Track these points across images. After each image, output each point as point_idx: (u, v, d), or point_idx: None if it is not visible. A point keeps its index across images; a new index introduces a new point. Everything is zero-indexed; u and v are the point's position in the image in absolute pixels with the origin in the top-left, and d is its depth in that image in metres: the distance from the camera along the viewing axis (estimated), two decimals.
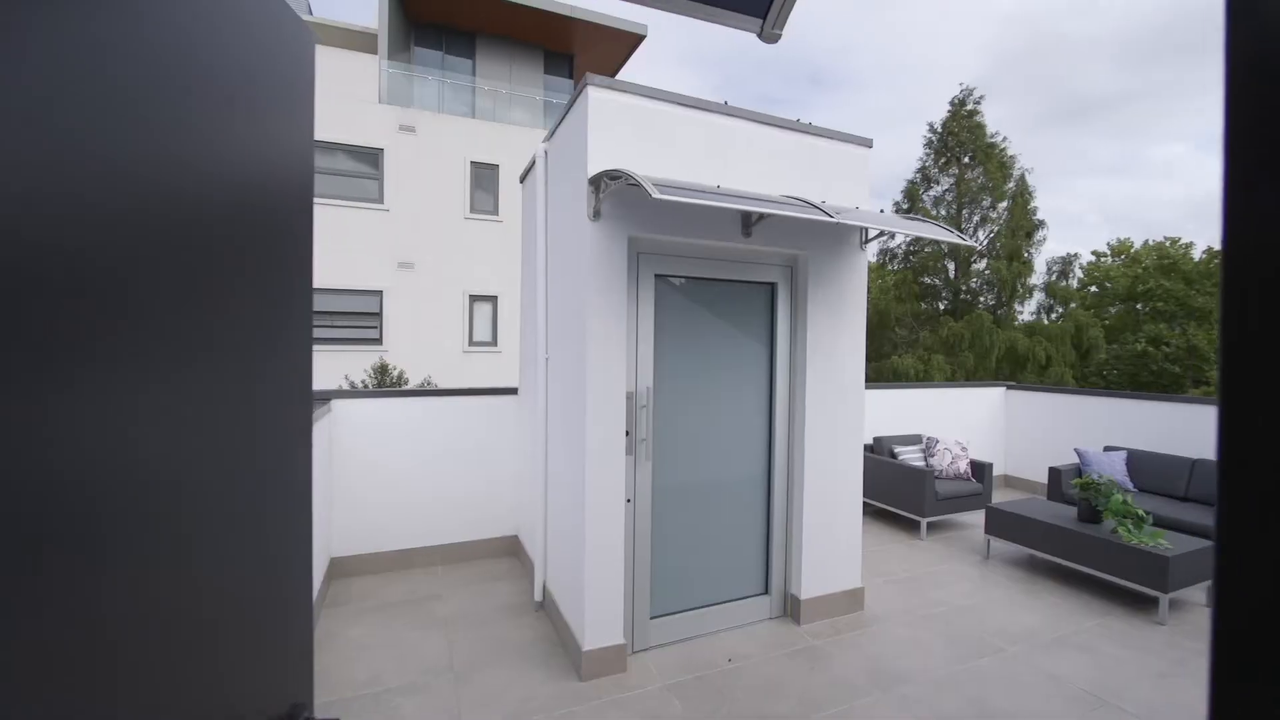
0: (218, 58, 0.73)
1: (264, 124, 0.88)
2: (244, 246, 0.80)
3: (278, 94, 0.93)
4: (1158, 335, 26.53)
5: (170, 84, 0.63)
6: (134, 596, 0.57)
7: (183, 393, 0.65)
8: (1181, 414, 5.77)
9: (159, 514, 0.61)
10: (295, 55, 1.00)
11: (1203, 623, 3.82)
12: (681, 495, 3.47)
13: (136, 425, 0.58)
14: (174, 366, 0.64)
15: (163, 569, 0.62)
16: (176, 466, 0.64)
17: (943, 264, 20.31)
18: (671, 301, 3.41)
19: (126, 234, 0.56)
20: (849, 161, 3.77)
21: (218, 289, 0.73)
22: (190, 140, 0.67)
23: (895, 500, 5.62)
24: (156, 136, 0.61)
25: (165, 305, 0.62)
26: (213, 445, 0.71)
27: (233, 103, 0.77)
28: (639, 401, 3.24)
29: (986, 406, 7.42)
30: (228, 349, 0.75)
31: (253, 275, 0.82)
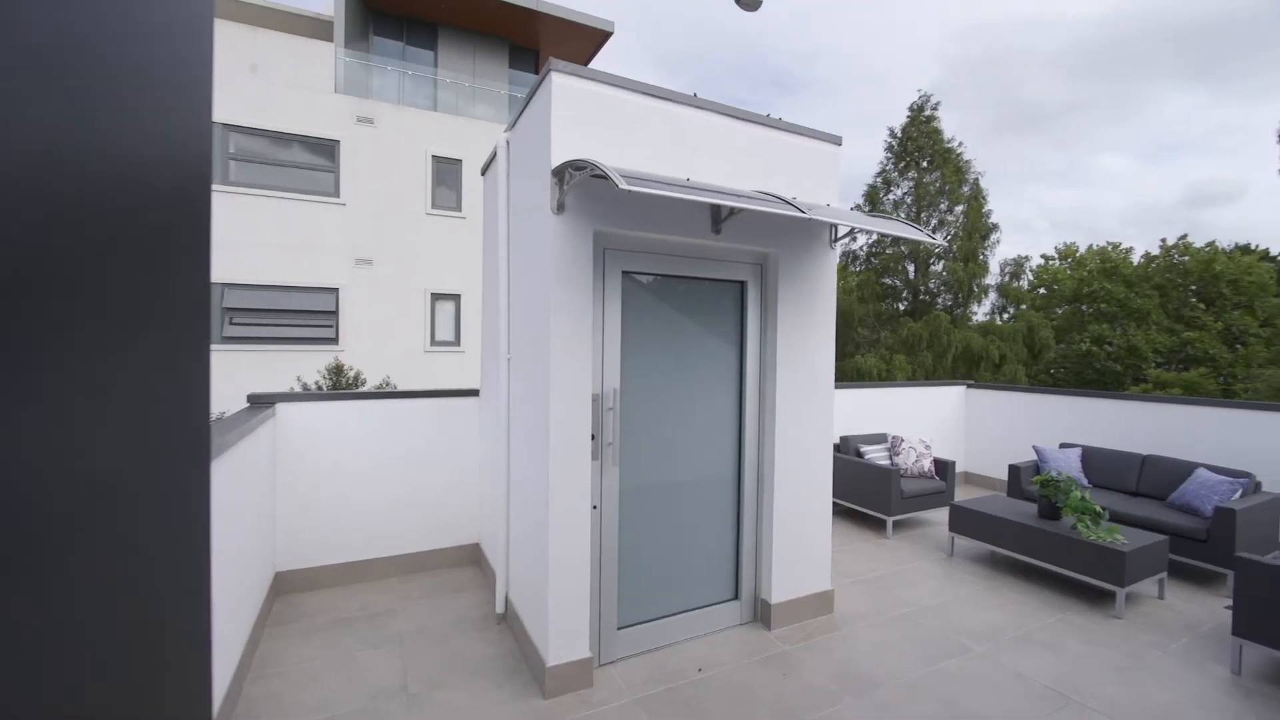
0: (94, 24, 0.57)
1: (152, 100, 0.71)
2: (119, 237, 0.64)
3: (170, 68, 0.76)
4: (1101, 335, 27.84)
5: (35, 53, 0.47)
6: None
7: (34, 401, 0.49)
8: (1130, 411, 5.98)
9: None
10: (190, 25, 0.83)
11: (1156, 615, 3.93)
12: (650, 500, 3.35)
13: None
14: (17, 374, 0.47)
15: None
16: (34, 483, 0.48)
17: (903, 265, 20.81)
18: (639, 299, 3.29)
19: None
20: (818, 159, 3.72)
21: (87, 284, 0.57)
22: (60, 117, 0.51)
23: (862, 499, 5.64)
24: (18, 110, 0.45)
25: (17, 304, 0.46)
26: (73, 462, 0.55)
27: (113, 76, 0.61)
28: (605, 403, 3.10)
29: (948, 405, 7.56)
30: (93, 352, 0.58)
31: (133, 270, 0.66)
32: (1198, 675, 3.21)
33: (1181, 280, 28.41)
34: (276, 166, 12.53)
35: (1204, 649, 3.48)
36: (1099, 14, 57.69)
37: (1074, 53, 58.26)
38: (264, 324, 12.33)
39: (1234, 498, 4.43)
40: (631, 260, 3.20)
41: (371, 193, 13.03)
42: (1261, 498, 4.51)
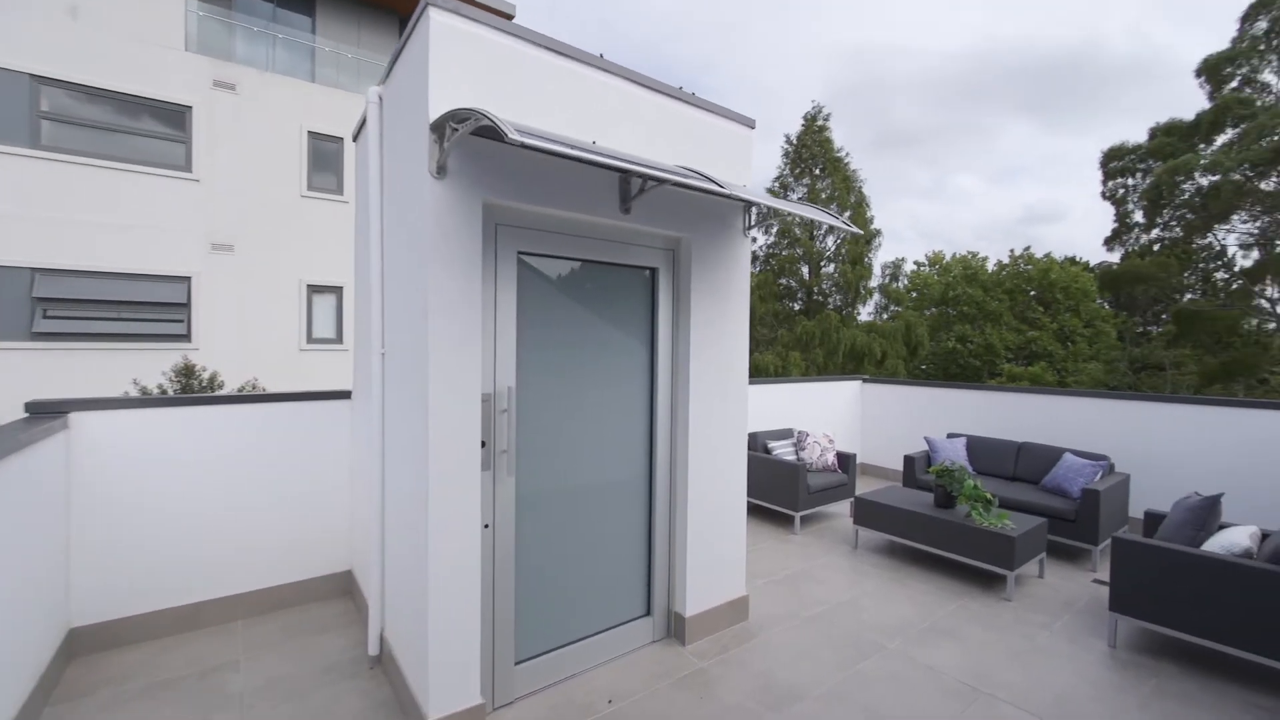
0: None
1: None
2: None
3: None
4: (964, 334, 31.06)
5: None
6: None
7: None
8: (1007, 402, 6.45)
9: None
10: None
11: (1039, 594, 4.15)
12: (553, 512, 2.96)
13: None
14: None
15: None
16: None
17: (798, 267, 21.86)
18: (538, 285, 2.88)
19: None
20: (732, 141, 3.51)
21: None
22: None
23: (770, 496, 5.60)
24: None
25: None
26: None
27: None
28: (498, 405, 2.67)
29: (845, 399, 7.82)
30: None
31: None
32: (1082, 652, 3.36)
33: (1025, 286, 32.37)
34: (109, 132, 10.58)
35: (1083, 624, 3.69)
36: (957, 49, 64.78)
37: (937, 82, 64.95)
38: (92, 317, 10.35)
39: (1096, 479, 4.83)
40: (529, 240, 2.78)
41: (233, 169, 11.39)
42: (1116, 478, 4.96)
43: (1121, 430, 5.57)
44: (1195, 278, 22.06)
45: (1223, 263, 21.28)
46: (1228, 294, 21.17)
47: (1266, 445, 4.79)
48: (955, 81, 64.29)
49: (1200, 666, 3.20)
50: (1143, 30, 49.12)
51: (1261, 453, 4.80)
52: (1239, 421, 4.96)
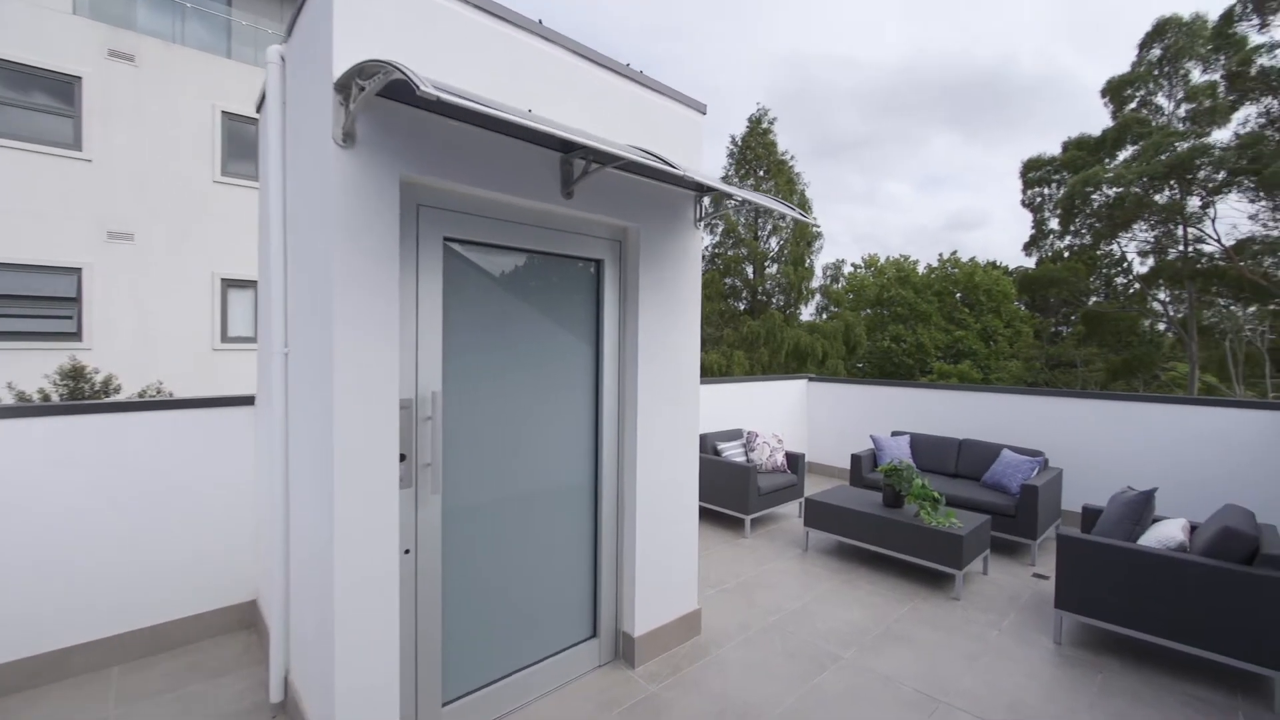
0: None
1: None
2: None
3: None
4: (898, 334, 32.45)
5: None
6: None
7: None
8: (947, 400, 6.59)
9: None
10: None
11: (985, 591, 4.17)
12: (487, 533, 2.64)
13: None
14: None
15: None
16: None
17: (743, 266, 22.13)
18: (469, 277, 2.56)
19: None
20: (683, 126, 3.30)
21: None
22: None
23: (720, 499, 5.45)
24: None
25: None
26: None
27: None
28: (421, 412, 2.34)
29: (792, 398, 7.82)
30: None
31: None
32: (1030, 651, 3.36)
33: (952, 288, 34.19)
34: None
35: (1029, 621, 3.71)
36: (890, 62, 67.77)
37: (871, 93, 67.76)
38: None
39: (1033, 475, 4.94)
40: (457, 224, 2.46)
41: (133, 150, 10.27)
42: (1051, 473, 5.11)
43: (1053, 426, 5.76)
44: (1099, 282, 23.88)
45: (1122, 269, 23.13)
46: (1126, 298, 23.04)
47: (1186, 439, 5.04)
48: (888, 93, 67.32)
49: (1140, 661, 3.25)
50: (1049, 53, 53.09)
51: (1181, 446, 5.05)
52: (1159, 417, 5.21)
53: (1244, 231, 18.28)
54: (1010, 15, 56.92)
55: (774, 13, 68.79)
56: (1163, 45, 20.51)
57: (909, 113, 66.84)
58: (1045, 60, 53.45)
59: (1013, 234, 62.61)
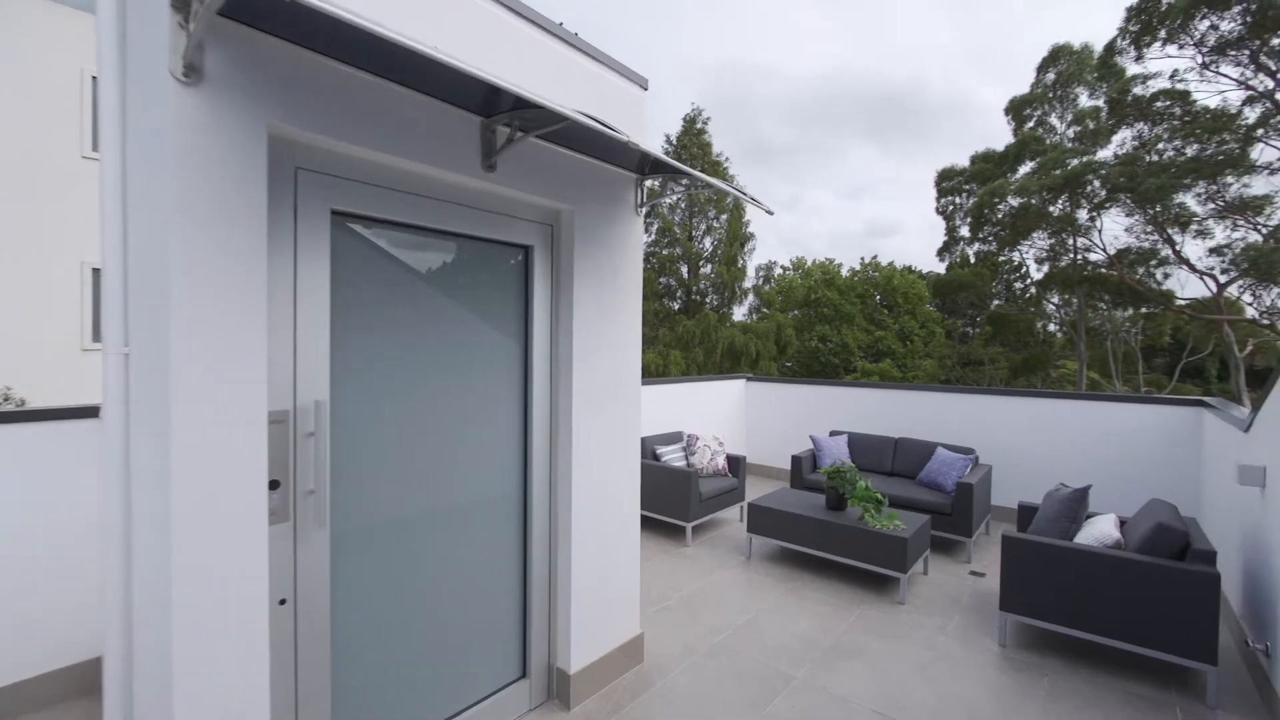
0: None
1: None
2: None
3: None
4: (825, 334, 33.71)
5: None
6: None
7: None
8: (882, 398, 6.65)
9: None
10: None
11: (927, 593, 4.13)
12: (392, 565, 2.20)
13: None
14: None
15: None
16: None
17: (677, 266, 22.15)
18: (370, 261, 2.12)
19: None
20: (624, 101, 2.97)
21: None
22: None
23: (660, 506, 5.18)
24: None
25: None
26: None
27: None
28: (301, 427, 1.88)
29: (731, 399, 7.69)
30: None
31: None
32: (977, 655, 3.30)
33: (873, 291, 35.94)
34: None
35: (973, 624, 3.67)
36: (813, 73, 70.63)
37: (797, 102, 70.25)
38: None
39: (967, 472, 5.00)
40: (350, 195, 2.01)
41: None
42: (982, 470, 5.20)
43: (981, 423, 5.92)
44: (1001, 286, 25.80)
45: (1020, 274, 25.09)
46: (1024, 301, 25.02)
47: (1103, 435, 5.28)
48: (810, 104, 70.01)
49: (1081, 660, 3.25)
50: (955, 75, 57.24)
51: (1100, 442, 5.28)
52: (1078, 414, 5.43)
53: (1122, 242, 20.26)
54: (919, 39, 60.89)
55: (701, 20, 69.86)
56: (1056, 70, 22.38)
57: (830, 124, 69.95)
58: (951, 81, 57.54)
59: (924, 241, 67.15)
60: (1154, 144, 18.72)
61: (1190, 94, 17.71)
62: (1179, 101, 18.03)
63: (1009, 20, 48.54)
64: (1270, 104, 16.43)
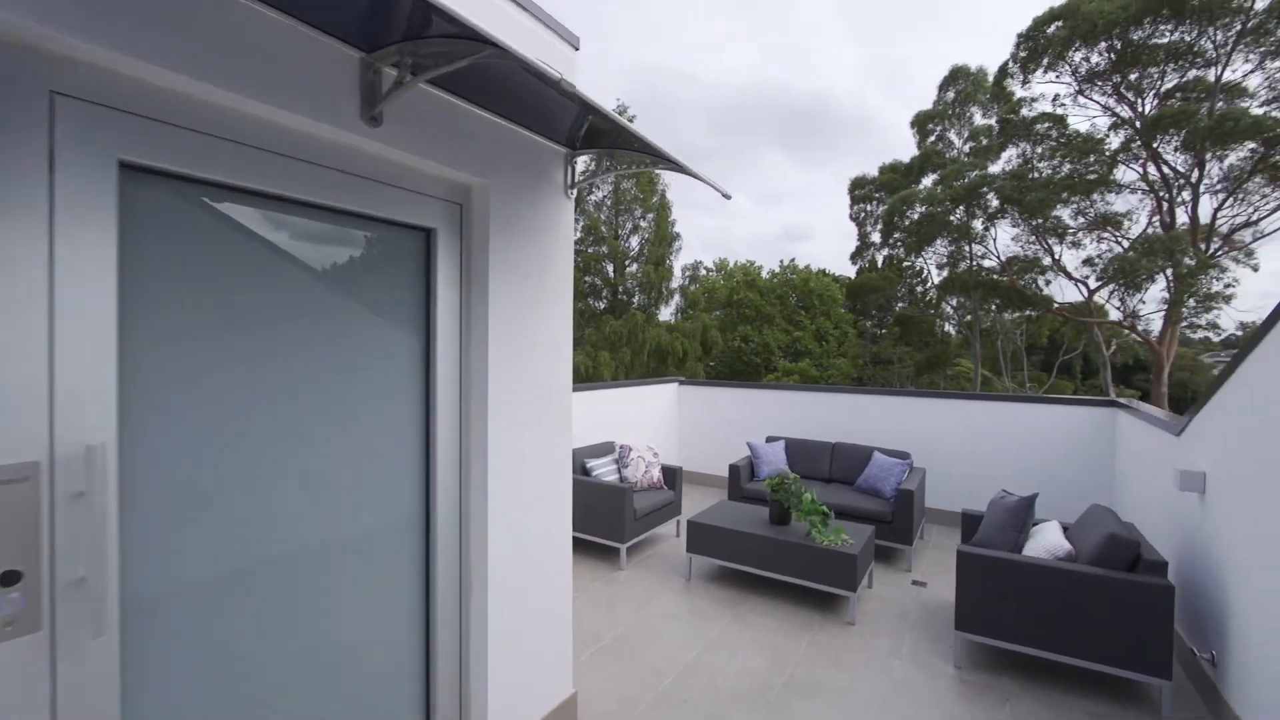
0: None
1: None
2: None
3: None
4: (747, 335, 34.51)
5: None
6: None
7: None
8: (818, 401, 6.54)
9: None
10: None
11: (875, 610, 3.93)
12: (230, 653, 1.59)
13: None
14: None
15: None
16: None
17: (603, 265, 21.70)
18: (197, 240, 1.50)
19: None
20: (553, 59, 2.47)
21: None
22: None
23: (591, 526, 4.70)
24: None
25: None
26: None
27: None
28: (61, 487, 1.24)
29: (664, 404, 7.34)
30: None
31: None
32: (935, 680, 3.10)
33: (791, 293, 37.26)
34: None
35: (924, 643, 3.49)
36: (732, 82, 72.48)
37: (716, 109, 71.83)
38: None
39: (905, 477, 4.92)
40: (151, 141, 1.39)
41: None
42: (918, 474, 5.14)
43: (913, 426, 5.92)
44: (905, 290, 27.48)
45: (922, 278, 26.83)
46: (925, 303, 26.77)
47: (1030, 435, 5.39)
48: (730, 111, 71.78)
49: (1037, 679, 3.13)
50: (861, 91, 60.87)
51: (1028, 442, 5.39)
52: (1006, 415, 5.53)
53: (1011, 251, 22.07)
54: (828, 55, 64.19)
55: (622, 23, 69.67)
56: (955, 89, 24.05)
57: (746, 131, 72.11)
58: (858, 97, 61.05)
59: (835, 246, 70.85)
60: (1035, 162, 20.52)
61: (1065, 118, 19.56)
62: (1056, 125, 19.87)
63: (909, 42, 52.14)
64: (1130, 131, 18.43)
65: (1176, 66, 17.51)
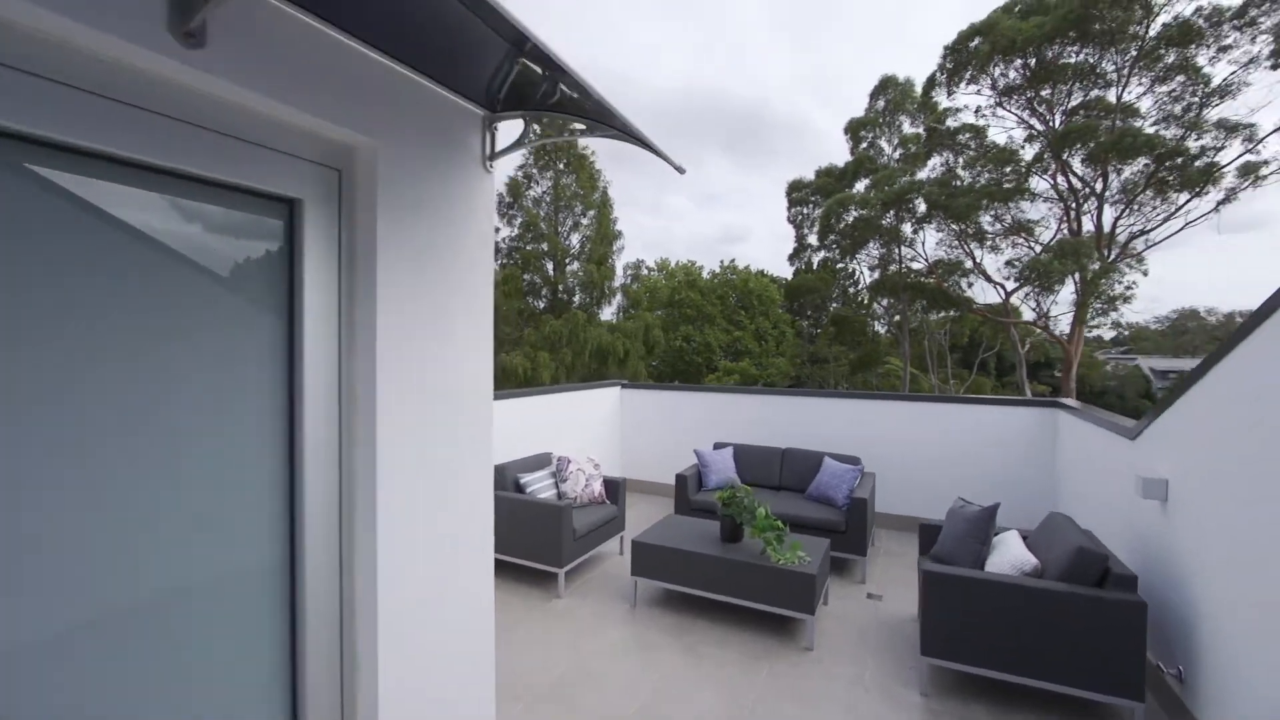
0: None
1: None
2: None
3: None
4: (689, 334, 34.61)
5: None
6: None
7: None
8: (767, 405, 6.31)
9: None
10: None
11: (831, 630, 3.68)
12: None
13: None
14: None
15: None
16: None
17: (543, 263, 21.02)
18: None
19: None
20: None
21: None
22: None
23: (524, 550, 4.22)
24: None
25: None
26: None
27: None
28: None
29: (605, 409, 6.92)
30: None
31: None
32: (903, 712, 2.85)
33: (731, 293, 37.74)
34: None
35: (888, 668, 3.26)
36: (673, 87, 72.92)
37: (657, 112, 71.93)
38: None
39: (856, 484, 4.73)
40: None
41: None
42: (869, 480, 4.98)
43: (861, 429, 5.79)
44: (838, 291, 28.34)
45: (854, 280, 27.75)
46: (857, 304, 27.70)
47: (977, 437, 5.35)
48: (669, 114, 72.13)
49: (1006, 705, 2.93)
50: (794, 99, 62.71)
51: (975, 445, 5.34)
52: (952, 416, 5.47)
53: (937, 254, 23.12)
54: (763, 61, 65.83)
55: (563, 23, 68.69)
56: (886, 98, 24.94)
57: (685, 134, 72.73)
58: (792, 105, 62.83)
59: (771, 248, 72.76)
60: (958, 170, 21.57)
61: (986, 129, 20.65)
62: (976, 136, 20.96)
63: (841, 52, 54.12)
64: (1043, 143, 19.65)
65: (1082, 85, 18.82)
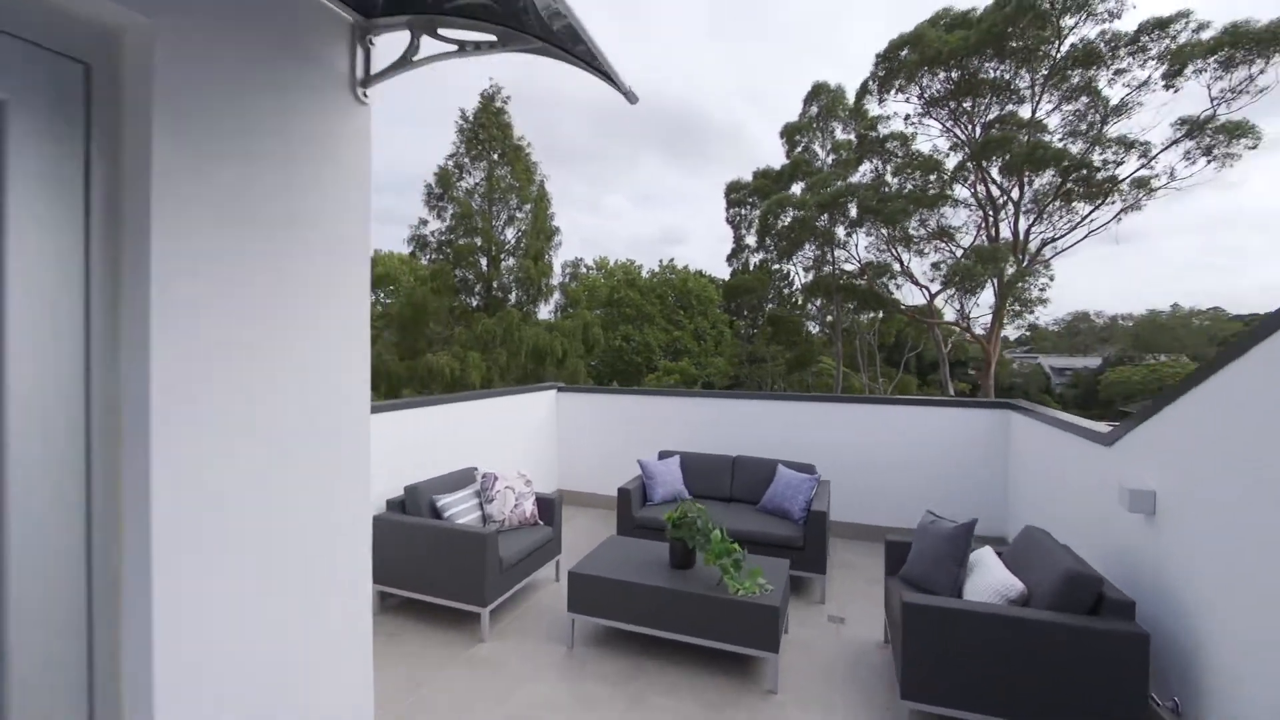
0: None
1: None
2: None
3: None
4: (628, 334, 34.22)
5: None
6: None
7: None
8: (714, 409, 5.89)
9: None
10: None
11: (796, 664, 3.27)
12: None
13: None
14: None
15: None
16: None
17: (476, 258, 19.95)
18: None
19: None
20: None
21: None
22: None
23: (441, 588, 3.57)
24: None
25: None
26: None
27: None
28: None
29: (540, 415, 6.30)
30: None
31: None
32: None
33: (671, 293, 37.69)
34: None
35: (863, 713, 2.87)
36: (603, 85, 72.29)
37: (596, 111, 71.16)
38: None
39: (813, 494, 4.38)
40: None
41: None
42: (825, 489, 4.65)
43: (811, 433, 5.49)
44: (774, 291, 28.80)
45: (789, 281, 28.27)
46: (792, 304, 28.23)
47: (928, 440, 5.15)
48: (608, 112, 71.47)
49: None
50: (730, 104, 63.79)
51: (927, 448, 5.14)
52: (903, 418, 5.25)
53: (868, 257, 23.85)
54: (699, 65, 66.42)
55: None
56: (818, 104, 25.48)
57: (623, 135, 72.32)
58: (727, 109, 63.81)
59: (708, 248, 73.76)
60: (886, 176, 22.31)
61: (914, 137, 21.44)
62: (903, 144, 21.75)
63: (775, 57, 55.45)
64: (965, 152, 20.60)
65: (999, 99, 19.86)
